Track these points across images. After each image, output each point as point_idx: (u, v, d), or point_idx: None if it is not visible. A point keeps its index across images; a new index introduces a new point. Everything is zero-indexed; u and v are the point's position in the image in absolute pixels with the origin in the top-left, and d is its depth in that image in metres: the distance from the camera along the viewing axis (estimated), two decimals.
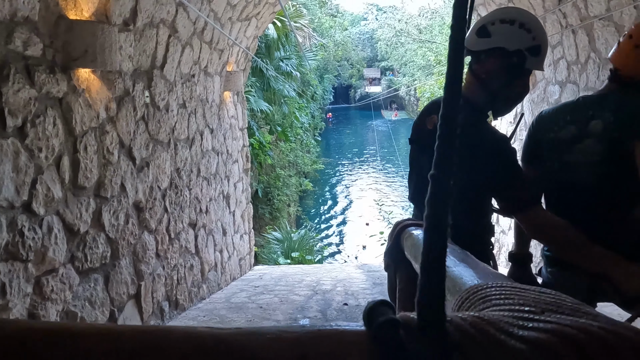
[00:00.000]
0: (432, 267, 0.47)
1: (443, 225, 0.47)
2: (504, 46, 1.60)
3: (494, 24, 1.62)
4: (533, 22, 1.65)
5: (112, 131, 2.97)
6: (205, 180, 4.97)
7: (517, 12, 1.68)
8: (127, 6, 3.09)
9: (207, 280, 4.96)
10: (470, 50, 1.67)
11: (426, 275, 0.47)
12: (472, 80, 1.72)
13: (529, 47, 1.60)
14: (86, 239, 2.70)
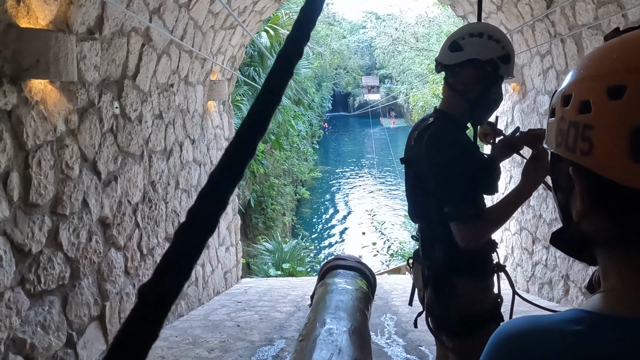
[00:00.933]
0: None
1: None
2: (477, 57, 1.69)
3: (464, 39, 1.73)
4: (499, 34, 1.75)
5: (72, 145, 2.83)
6: (184, 193, 4.82)
7: (483, 26, 1.79)
8: (92, 14, 2.96)
9: (186, 296, 4.79)
10: (444, 65, 1.78)
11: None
12: (450, 94, 1.82)
13: (500, 56, 1.70)
14: (40, 259, 2.54)
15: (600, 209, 0.58)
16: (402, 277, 7.21)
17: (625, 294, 0.56)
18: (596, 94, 0.55)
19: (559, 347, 0.52)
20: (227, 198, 0.36)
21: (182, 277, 0.34)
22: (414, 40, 25.57)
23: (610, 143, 0.54)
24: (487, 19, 5.79)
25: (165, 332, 3.98)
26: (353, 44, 45.70)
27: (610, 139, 0.54)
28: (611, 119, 0.54)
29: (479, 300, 1.77)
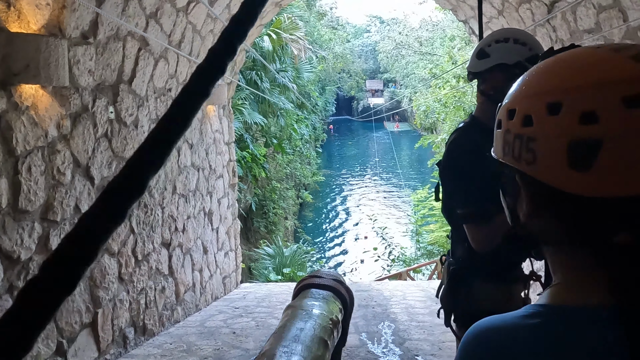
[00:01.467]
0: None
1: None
2: (504, 61, 1.73)
3: (490, 45, 1.77)
4: (525, 36, 1.78)
5: (64, 150, 2.80)
6: (182, 198, 4.79)
7: (509, 31, 1.85)
8: (86, 18, 2.94)
9: (182, 302, 4.76)
10: (474, 73, 1.83)
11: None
12: (482, 100, 1.86)
13: (527, 58, 1.70)
14: (29, 266, 2.51)
15: (544, 211, 0.64)
16: (403, 283, 7.15)
17: (571, 286, 0.62)
18: (537, 110, 0.61)
19: (521, 340, 0.58)
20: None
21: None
22: (418, 44, 25.54)
23: (551, 154, 0.59)
24: (489, 24, 5.75)
25: (159, 338, 3.94)
26: (357, 48, 45.74)
27: (551, 150, 0.59)
28: (551, 132, 0.59)
29: (498, 303, 1.75)
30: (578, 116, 0.57)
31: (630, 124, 0.55)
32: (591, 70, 0.60)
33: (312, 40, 22.75)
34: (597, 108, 0.56)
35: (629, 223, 0.58)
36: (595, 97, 0.57)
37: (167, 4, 3.90)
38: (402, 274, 8.85)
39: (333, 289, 0.86)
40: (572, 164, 0.57)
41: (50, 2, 2.61)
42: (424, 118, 18.03)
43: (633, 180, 0.55)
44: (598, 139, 0.56)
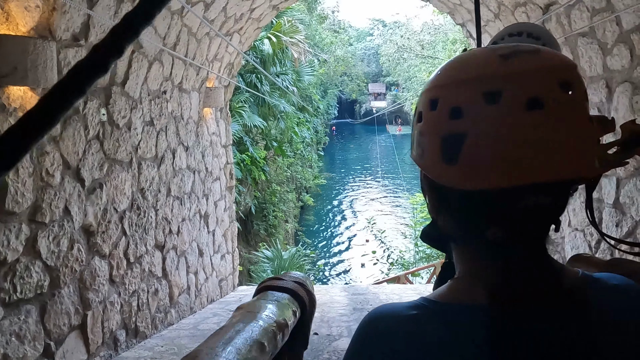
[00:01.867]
0: None
1: None
2: None
3: (503, 39, 1.77)
4: (540, 31, 1.78)
5: (53, 152, 2.80)
6: (177, 200, 4.79)
7: (524, 25, 1.84)
8: (77, 20, 2.95)
9: (176, 304, 4.75)
10: None
11: None
12: None
13: None
14: (16, 268, 2.51)
15: (439, 206, 0.66)
16: (400, 287, 7.12)
17: (464, 283, 0.64)
18: (424, 106, 0.64)
19: (400, 330, 0.61)
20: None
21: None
22: (420, 47, 25.54)
23: (431, 148, 0.62)
24: (485, 27, 5.74)
25: (151, 341, 3.93)
26: (359, 51, 45.77)
27: (431, 145, 0.62)
28: (431, 127, 0.62)
29: None
30: (449, 111, 0.60)
31: (489, 118, 0.57)
32: (462, 67, 0.63)
33: (314, 44, 22.77)
34: (462, 103, 0.59)
35: (499, 217, 0.59)
36: (461, 92, 0.60)
37: None
38: (400, 277, 8.82)
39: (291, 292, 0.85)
40: (444, 158, 0.60)
41: (40, 4, 2.61)
42: None
43: (493, 174, 0.57)
44: (462, 132, 0.58)
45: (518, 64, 0.59)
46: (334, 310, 5.12)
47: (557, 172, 0.56)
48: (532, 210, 0.58)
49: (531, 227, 0.60)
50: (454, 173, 0.59)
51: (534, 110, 0.56)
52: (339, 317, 4.81)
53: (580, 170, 0.57)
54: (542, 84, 0.57)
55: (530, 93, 0.57)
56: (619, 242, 0.74)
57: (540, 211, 0.59)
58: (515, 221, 0.59)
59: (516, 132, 0.56)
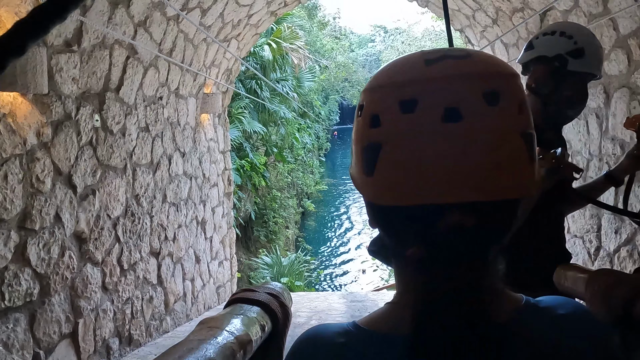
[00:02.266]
0: None
1: None
2: (545, 54, 1.72)
3: (537, 38, 1.78)
4: (574, 29, 1.74)
5: (44, 158, 2.78)
6: (173, 206, 4.76)
7: (559, 24, 1.83)
8: (69, 26, 2.94)
9: (172, 311, 4.71)
10: (521, 65, 1.83)
11: None
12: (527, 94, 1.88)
13: (569, 51, 1.67)
14: (4, 275, 2.48)
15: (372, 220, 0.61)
16: None
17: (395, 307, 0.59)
18: (355, 111, 0.61)
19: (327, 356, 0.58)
20: None
21: None
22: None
23: (356, 157, 0.59)
24: (484, 32, 5.73)
25: (145, 349, 3.89)
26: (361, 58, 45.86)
27: (355, 154, 0.59)
28: (355, 134, 0.59)
29: None
30: (370, 118, 0.56)
31: (403, 128, 0.53)
32: (387, 72, 0.59)
33: (315, 50, 22.83)
34: (380, 111, 0.55)
35: (419, 236, 0.54)
36: (380, 99, 0.56)
37: (157, 13, 3.90)
38: None
39: (262, 304, 0.81)
40: (364, 168, 0.57)
41: (30, 9, 2.60)
42: None
43: (407, 190, 0.53)
44: (379, 142, 0.54)
45: (439, 69, 0.54)
46: (331, 318, 5.07)
47: (477, 192, 0.51)
48: (455, 230, 0.52)
49: (458, 248, 0.54)
50: (371, 186, 0.56)
51: (451, 123, 0.51)
52: None
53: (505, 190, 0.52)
54: (462, 93, 0.52)
55: (447, 102, 0.52)
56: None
57: (466, 232, 0.52)
58: (437, 242, 0.54)
59: (431, 145, 0.51)
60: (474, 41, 6.22)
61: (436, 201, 0.52)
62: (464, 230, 0.52)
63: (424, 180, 0.51)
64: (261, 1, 5.55)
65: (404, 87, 0.54)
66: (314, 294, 7.46)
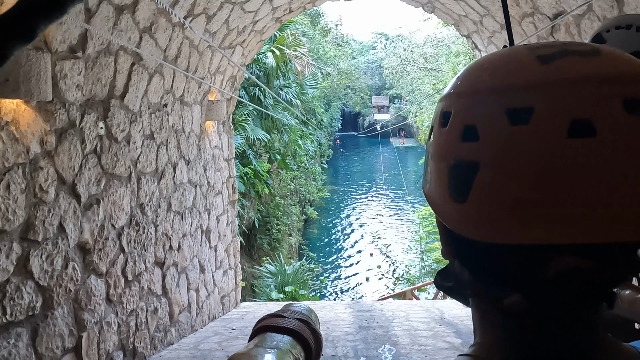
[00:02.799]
0: None
1: None
2: None
3: (609, 31, 1.61)
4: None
5: (48, 167, 2.70)
6: (177, 215, 4.68)
7: (634, 17, 1.62)
8: (74, 32, 2.87)
9: (177, 323, 4.61)
10: None
11: None
12: None
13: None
14: (6, 289, 2.39)
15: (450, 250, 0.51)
16: (406, 303, 6.95)
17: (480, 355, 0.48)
18: (435, 119, 0.50)
19: None
20: None
21: None
22: (423, 60, 25.57)
23: (437, 177, 0.48)
24: (491, 38, 5.66)
25: None
26: (363, 65, 45.97)
27: (437, 173, 0.48)
28: (438, 149, 0.48)
29: None
30: (461, 130, 0.46)
31: (512, 145, 0.42)
32: (486, 71, 0.47)
33: (317, 57, 22.84)
34: (478, 121, 0.45)
35: (521, 283, 0.44)
36: (478, 106, 0.45)
37: (162, 19, 3.84)
38: (406, 292, 8.65)
39: (293, 332, 0.73)
40: (451, 192, 0.46)
41: None
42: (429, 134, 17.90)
43: (513, 223, 0.42)
44: (475, 161, 0.44)
45: (562, 70, 0.43)
46: (339, 329, 4.97)
47: (609, 231, 0.40)
48: (569, 277, 0.42)
49: (570, 298, 0.43)
50: (462, 214, 0.45)
51: (580, 139, 0.40)
52: (344, 336, 4.65)
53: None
54: (595, 101, 0.41)
55: (575, 113, 0.41)
56: None
57: (582, 278, 0.42)
58: (545, 290, 0.43)
59: (550, 168, 0.41)
60: (481, 47, 6.16)
61: (553, 240, 0.41)
62: (580, 277, 0.42)
63: (536, 214, 0.41)
64: (266, 7, 5.50)
65: (513, 91, 0.44)
66: (319, 304, 7.35)
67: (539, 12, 4.39)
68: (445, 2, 5.78)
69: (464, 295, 0.52)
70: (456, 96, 0.48)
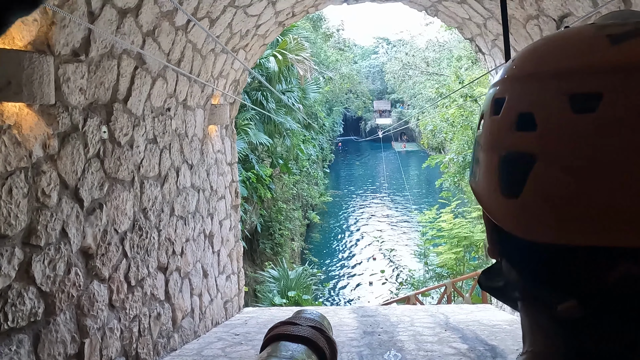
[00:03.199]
0: None
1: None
2: None
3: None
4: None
5: (50, 171, 2.67)
6: (180, 220, 4.64)
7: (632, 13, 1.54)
8: (77, 35, 2.85)
9: (180, 328, 4.56)
10: None
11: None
12: None
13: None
14: (8, 295, 2.36)
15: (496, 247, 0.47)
16: (410, 308, 6.90)
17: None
18: (486, 106, 0.46)
19: None
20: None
21: None
22: (425, 64, 25.58)
23: (486, 169, 0.45)
24: (495, 41, 5.64)
25: None
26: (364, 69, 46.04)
27: (486, 164, 0.45)
28: (489, 139, 0.45)
29: None
30: (515, 118, 0.42)
31: (575, 136, 0.38)
32: (547, 53, 0.42)
33: (319, 62, 22.87)
34: (535, 108, 0.40)
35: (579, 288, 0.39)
36: (536, 91, 0.41)
37: (166, 22, 3.83)
38: (410, 297, 8.59)
39: (308, 341, 0.69)
40: (502, 186, 0.42)
41: (37, 18, 2.52)
42: (431, 138, 17.91)
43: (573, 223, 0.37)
44: (531, 153, 0.40)
45: (635, 51, 0.38)
46: (344, 334, 4.92)
47: None
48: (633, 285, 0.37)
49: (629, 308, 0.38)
50: (513, 211, 0.41)
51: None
52: (349, 342, 4.60)
53: None
54: None
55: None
56: None
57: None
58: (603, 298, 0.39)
59: (621, 162, 0.36)
60: (485, 50, 6.14)
61: (621, 243, 0.36)
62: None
63: (602, 213, 0.36)
64: (269, 11, 5.49)
65: (577, 75, 0.39)
66: (323, 309, 7.30)
67: (544, 14, 4.37)
68: (448, 5, 5.76)
69: (512, 298, 0.48)
70: (512, 81, 0.43)
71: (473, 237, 10.29)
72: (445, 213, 11.45)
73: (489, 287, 0.49)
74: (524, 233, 0.41)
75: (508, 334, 4.70)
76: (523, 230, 0.41)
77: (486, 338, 4.58)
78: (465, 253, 10.50)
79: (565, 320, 0.40)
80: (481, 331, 4.84)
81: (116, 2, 3.08)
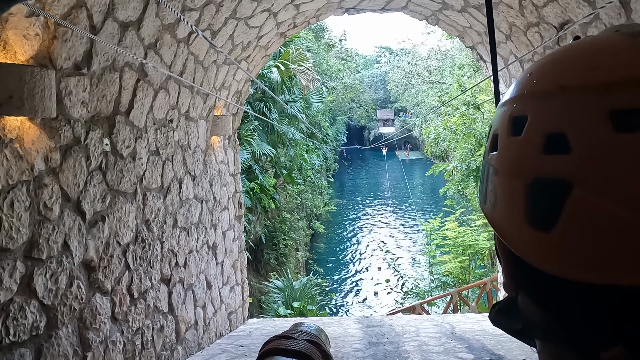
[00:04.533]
0: None
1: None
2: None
3: None
4: None
5: (52, 184, 2.68)
6: (183, 231, 4.64)
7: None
8: (79, 49, 2.87)
9: (183, 341, 4.54)
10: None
11: None
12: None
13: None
14: (9, 308, 2.35)
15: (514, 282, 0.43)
16: (416, 318, 6.83)
17: None
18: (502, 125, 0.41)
19: None
20: None
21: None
22: (427, 73, 25.64)
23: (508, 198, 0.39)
24: (497, 49, 5.64)
25: None
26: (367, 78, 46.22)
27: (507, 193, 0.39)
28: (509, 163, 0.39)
29: None
30: (543, 140, 0.37)
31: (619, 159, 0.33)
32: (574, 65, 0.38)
33: (322, 72, 22.97)
34: (568, 128, 0.36)
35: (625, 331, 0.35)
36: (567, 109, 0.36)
37: (167, 35, 3.85)
38: (415, 307, 8.52)
39: (303, 356, 0.68)
40: (530, 218, 0.37)
41: (39, 32, 2.54)
42: (434, 146, 17.89)
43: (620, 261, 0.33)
44: (566, 180, 0.35)
45: None
46: (348, 345, 4.87)
47: None
48: None
49: None
50: (545, 246, 0.36)
51: None
52: (354, 353, 4.56)
53: None
54: None
55: None
56: None
57: None
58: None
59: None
60: (486, 58, 6.14)
61: None
62: None
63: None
64: (271, 23, 5.52)
65: (618, 89, 0.35)
66: (327, 319, 7.25)
67: (545, 21, 4.37)
68: (449, 14, 5.78)
69: (531, 336, 0.43)
70: (532, 97, 0.39)
71: (478, 245, 10.22)
72: (450, 221, 11.40)
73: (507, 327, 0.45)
74: (560, 271, 0.36)
75: (515, 344, 4.64)
76: (558, 268, 0.36)
77: (492, 347, 4.53)
78: (470, 261, 10.43)
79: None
80: (487, 341, 4.79)
81: (118, 15, 3.10)
